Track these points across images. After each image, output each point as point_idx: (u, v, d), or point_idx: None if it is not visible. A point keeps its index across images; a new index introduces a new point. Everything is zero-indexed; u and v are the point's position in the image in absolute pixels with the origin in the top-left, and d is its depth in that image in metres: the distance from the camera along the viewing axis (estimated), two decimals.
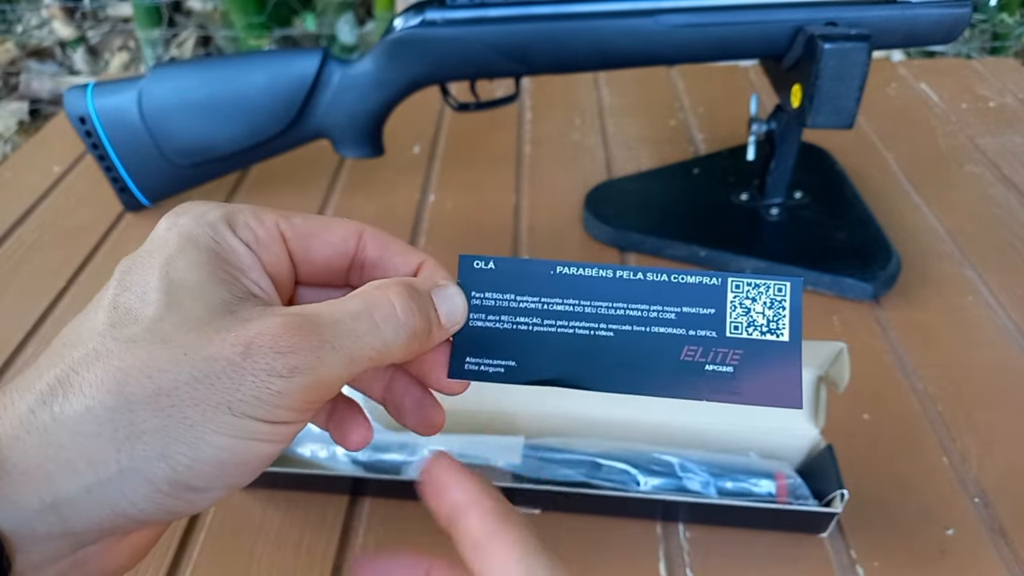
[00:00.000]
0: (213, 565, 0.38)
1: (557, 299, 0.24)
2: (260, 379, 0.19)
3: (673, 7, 0.49)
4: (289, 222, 0.24)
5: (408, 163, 0.70)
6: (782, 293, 0.24)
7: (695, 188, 0.62)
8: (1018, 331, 0.50)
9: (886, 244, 0.54)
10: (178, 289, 0.21)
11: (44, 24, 1.75)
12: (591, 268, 0.24)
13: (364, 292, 0.22)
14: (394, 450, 0.40)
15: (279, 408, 0.20)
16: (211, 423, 0.19)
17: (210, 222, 0.22)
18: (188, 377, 0.19)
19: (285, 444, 0.22)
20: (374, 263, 0.25)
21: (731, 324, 0.24)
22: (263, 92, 0.55)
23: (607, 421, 0.40)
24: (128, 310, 0.20)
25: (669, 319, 0.24)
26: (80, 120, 0.56)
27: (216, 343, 0.20)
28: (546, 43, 0.50)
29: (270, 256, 0.23)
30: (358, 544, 0.38)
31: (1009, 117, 0.74)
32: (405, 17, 0.52)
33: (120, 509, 0.19)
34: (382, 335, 0.22)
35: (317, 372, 0.20)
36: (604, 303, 0.24)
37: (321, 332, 0.20)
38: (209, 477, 0.20)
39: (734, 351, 0.24)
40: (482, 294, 0.25)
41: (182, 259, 0.21)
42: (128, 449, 0.19)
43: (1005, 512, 0.39)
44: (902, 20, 0.47)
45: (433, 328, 0.23)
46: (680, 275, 0.24)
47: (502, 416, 0.41)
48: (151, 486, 0.19)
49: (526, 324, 0.25)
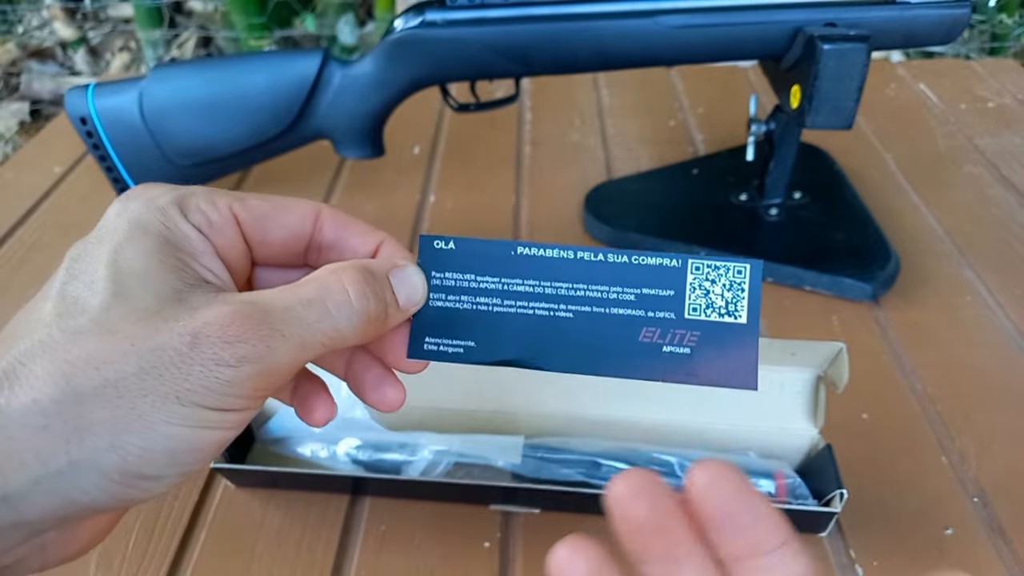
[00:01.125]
0: (214, 564, 0.38)
1: (518, 279, 0.24)
2: (208, 369, 0.19)
3: (672, 8, 0.49)
4: (243, 204, 0.24)
5: (408, 163, 0.70)
6: (741, 275, 0.24)
7: (694, 188, 0.62)
8: (1016, 331, 0.50)
9: (885, 244, 0.54)
10: (126, 278, 0.20)
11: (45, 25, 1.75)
12: (552, 249, 0.24)
13: (318, 277, 0.22)
14: (394, 450, 0.40)
15: (229, 396, 0.20)
16: (160, 413, 0.19)
17: (161, 207, 0.22)
18: (136, 368, 0.19)
19: (239, 429, 0.22)
20: (332, 244, 0.25)
21: (690, 306, 0.24)
22: (264, 93, 0.55)
23: (607, 421, 0.41)
24: (75, 300, 0.20)
25: (628, 300, 0.24)
26: (81, 120, 0.56)
27: (164, 333, 0.19)
28: (546, 44, 0.50)
29: (223, 240, 0.23)
30: (358, 543, 0.38)
31: (1008, 117, 0.74)
32: (405, 18, 0.52)
33: (72, 499, 0.19)
34: (335, 322, 0.21)
35: (266, 361, 0.20)
36: (564, 284, 0.24)
37: (270, 320, 0.20)
38: (161, 465, 0.20)
39: (692, 333, 0.24)
40: (442, 274, 0.25)
41: (131, 246, 0.21)
42: (77, 441, 0.19)
43: (1004, 512, 0.39)
44: (901, 21, 0.47)
45: (390, 311, 0.23)
46: (641, 256, 0.24)
47: (502, 416, 0.41)
48: (102, 476, 0.19)
49: (486, 304, 0.25)
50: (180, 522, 0.39)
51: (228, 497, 0.41)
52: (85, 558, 0.38)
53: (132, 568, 0.37)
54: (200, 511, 0.40)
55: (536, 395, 0.41)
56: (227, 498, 0.41)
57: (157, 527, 0.39)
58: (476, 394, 0.42)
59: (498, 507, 0.40)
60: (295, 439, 0.41)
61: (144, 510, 0.40)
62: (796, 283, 0.53)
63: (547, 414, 0.41)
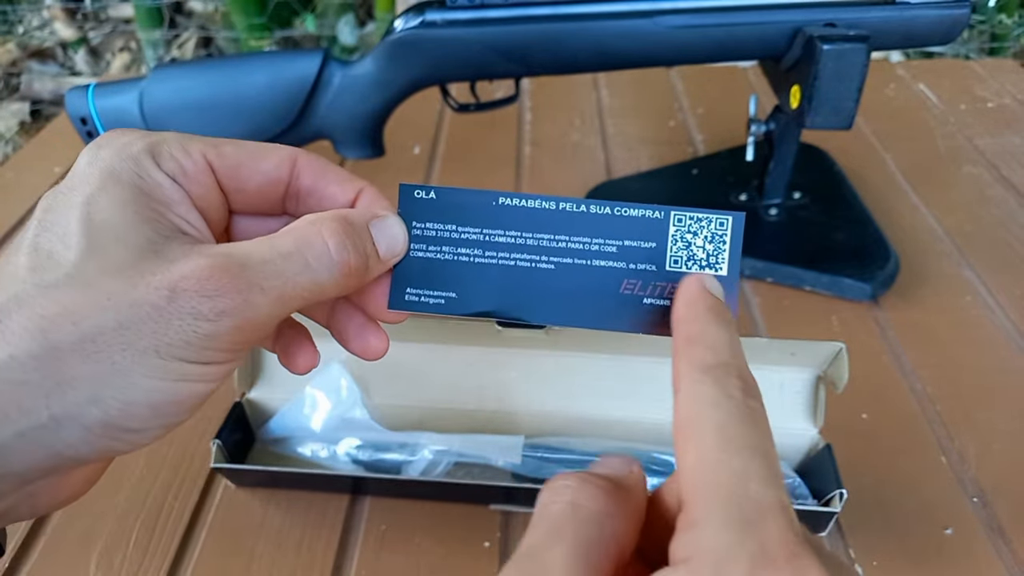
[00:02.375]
0: (214, 564, 0.38)
1: (499, 231, 0.24)
2: (187, 323, 0.19)
3: (672, 8, 0.49)
4: (217, 151, 0.23)
5: (408, 164, 0.70)
6: (723, 228, 0.24)
7: (694, 189, 0.62)
8: (1016, 331, 0.50)
9: (885, 244, 0.54)
10: (100, 230, 0.20)
11: (45, 25, 1.76)
12: (534, 199, 0.24)
13: (296, 228, 0.22)
14: (394, 450, 0.40)
15: (208, 350, 0.20)
16: (140, 367, 0.19)
17: (133, 155, 0.21)
18: (113, 323, 0.19)
19: (220, 382, 0.21)
20: (310, 191, 0.24)
21: (671, 258, 0.24)
22: (264, 93, 0.55)
23: (607, 421, 0.41)
24: (49, 253, 0.20)
25: (610, 252, 0.24)
26: (81, 121, 0.56)
27: (140, 288, 0.19)
28: (546, 44, 0.51)
29: (198, 188, 0.23)
30: (358, 543, 0.38)
31: (1008, 118, 0.74)
32: (405, 18, 0.52)
33: (57, 451, 0.19)
34: (314, 274, 0.21)
35: (245, 314, 0.20)
36: (546, 235, 0.24)
37: (248, 274, 0.20)
38: (143, 418, 0.20)
39: (672, 284, 0.24)
40: (423, 224, 0.24)
41: (104, 197, 0.20)
42: (58, 396, 0.19)
43: (1003, 511, 0.39)
44: (901, 21, 0.47)
45: (370, 262, 0.23)
46: (623, 208, 0.24)
47: (502, 416, 0.41)
48: (85, 430, 0.19)
49: (467, 255, 0.24)
50: (180, 522, 0.39)
51: (228, 497, 0.41)
52: (85, 558, 0.38)
53: (132, 567, 0.37)
54: (200, 511, 0.40)
55: (536, 395, 0.41)
56: (227, 498, 0.41)
57: (157, 527, 0.39)
58: (476, 394, 0.42)
59: (498, 507, 0.40)
60: (295, 439, 0.41)
61: (145, 510, 0.40)
62: (796, 283, 0.53)
63: (547, 414, 0.41)
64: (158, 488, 0.41)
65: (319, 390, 0.42)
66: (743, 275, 0.55)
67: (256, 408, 0.42)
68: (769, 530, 0.15)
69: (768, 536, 0.15)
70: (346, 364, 0.42)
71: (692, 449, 0.17)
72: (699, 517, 0.16)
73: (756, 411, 0.18)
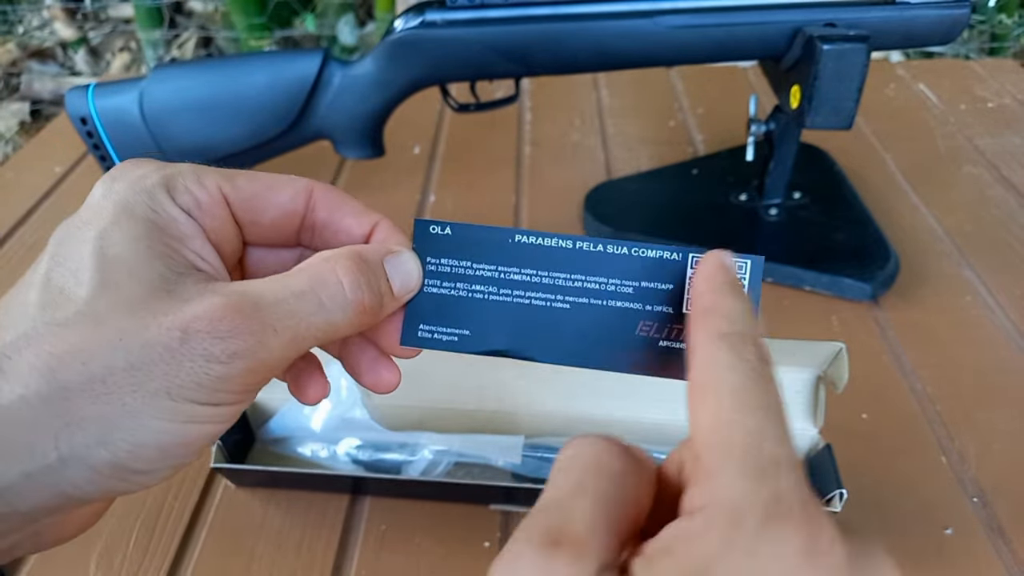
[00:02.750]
0: (214, 564, 0.38)
1: (514, 268, 0.24)
2: (198, 364, 0.19)
3: (672, 8, 0.49)
4: (232, 184, 0.23)
5: (408, 164, 0.70)
6: (742, 271, 0.23)
7: (694, 189, 0.62)
8: (1016, 331, 0.50)
9: (885, 244, 0.54)
10: (113, 266, 0.20)
11: (45, 25, 1.76)
12: (550, 238, 0.24)
13: (310, 267, 0.21)
14: (394, 450, 0.40)
15: (220, 392, 0.20)
16: (150, 409, 0.19)
17: (147, 188, 0.21)
18: (124, 363, 0.19)
19: (231, 422, 0.21)
20: (325, 224, 0.24)
21: (689, 301, 0.23)
22: (264, 93, 0.55)
23: (607, 421, 0.41)
24: (61, 289, 0.19)
25: (627, 293, 0.24)
26: (81, 121, 0.56)
27: (152, 328, 0.19)
28: (545, 44, 0.51)
29: (213, 222, 0.22)
30: (358, 543, 0.38)
31: (1008, 118, 0.74)
32: (405, 18, 0.52)
33: (63, 491, 0.19)
34: (328, 314, 0.21)
35: (258, 356, 0.20)
36: (562, 274, 0.24)
37: (262, 315, 0.20)
38: (151, 460, 0.20)
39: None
40: (438, 260, 0.24)
41: (117, 231, 0.20)
42: (67, 437, 0.18)
43: (1003, 511, 0.39)
44: (901, 21, 0.47)
45: (384, 299, 0.23)
46: (641, 248, 0.23)
47: (502, 416, 0.41)
48: (92, 471, 0.19)
49: (482, 292, 0.24)
50: (180, 522, 0.39)
51: (228, 497, 0.41)
52: (85, 558, 0.38)
53: (133, 568, 0.37)
54: (200, 511, 0.40)
55: (536, 395, 0.41)
56: (227, 498, 0.41)
57: (158, 527, 0.39)
58: (476, 394, 0.42)
59: (498, 507, 0.40)
60: (295, 439, 0.41)
61: (145, 510, 0.40)
62: (796, 283, 0.53)
63: (547, 414, 0.41)
64: (158, 488, 0.41)
65: None
66: None
67: (256, 408, 0.42)
68: (783, 482, 0.16)
69: (782, 487, 0.15)
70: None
71: (708, 410, 0.17)
72: (714, 468, 0.16)
73: (769, 375, 0.18)
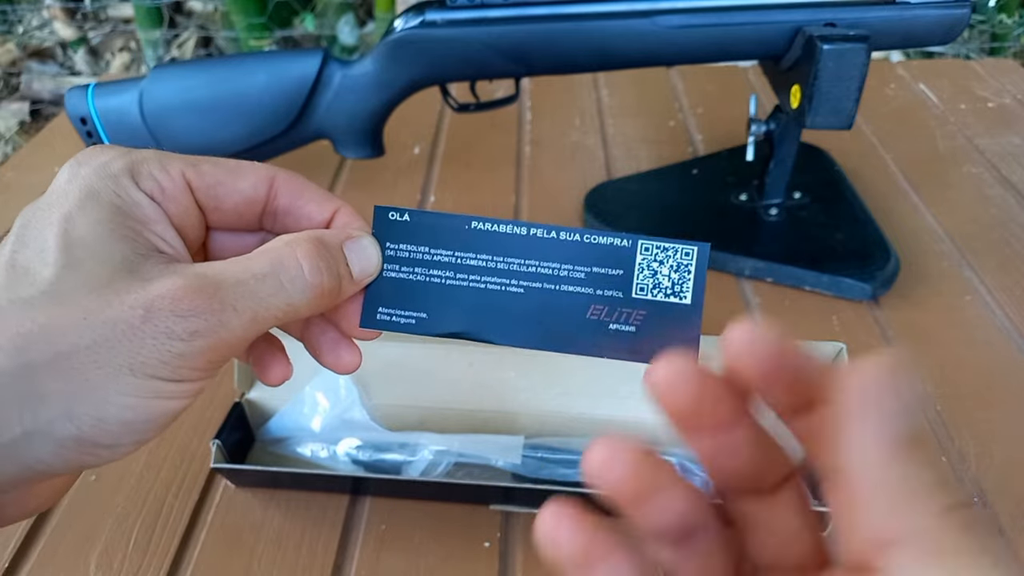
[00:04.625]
0: (214, 564, 0.38)
1: (471, 254, 0.25)
2: (160, 342, 0.20)
3: (671, 8, 0.49)
4: (196, 170, 0.23)
5: (408, 163, 0.70)
6: (689, 257, 0.24)
7: (694, 188, 0.62)
8: (1016, 331, 0.50)
9: (885, 244, 0.54)
10: (77, 247, 0.20)
11: (45, 25, 1.76)
12: (505, 224, 0.25)
13: (271, 250, 0.22)
14: (394, 450, 0.40)
15: (182, 368, 0.20)
16: (114, 384, 0.19)
17: (112, 174, 0.22)
18: (88, 341, 0.19)
19: (192, 399, 0.22)
20: (287, 210, 0.25)
21: (637, 285, 0.24)
22: (264, 93, 0.55)
23: (607, 421, 0.41)
24: (26, 269, 0.20)
25: (578, 278, 0.25)
26: (81, 121, 0.56)
27: (116, 306, 0.19)
28: (545, 44, 0.51)
29: (176, 207, 0.23)
30: (358, 543, 0.38)
31: (1008, 118, 0.74)
32: (405, 18, 0.52)
33: (28, 465, 0.19)
34: (288, 296, 0.22)
35: (219, 334, 0.20)
36: (517, 260, 0.25)
37: (222, 295, 0.20)
38: (116, 435, 0.20)
39: (638, 311, 0.24)
40: (396, 245, 0.25)
41: (82, 215, 0.21)
42: (32, 412, 0.19)
43: (1004, 512, 0.39)
44: (901, 21, 0.47)
45: (343, 283, 0.23)
46: (592, 235, 0.24)
47: (502, 416, 0.41)
48: (58, 445, 0.19)
49: (439, 277, 0.25)
50: (180, 522, 0.39)
51: (228, 497, 0.41)
52: (85, 558, 0.38)
53: (133, 568, 0.37)
54: (200, 511, 0.40)
55: (536, 395, 0.41)
56: (227, 498, 0.41)
57: (157, 527, 0.39)
58: (476, 394, 0.42)
59: (498, 507, 0.40)
60: (295, 439, 0.41)
61: (145, 510, 0.40)
62: (796, 283, 0.53)
63: (547, 414, 0.41)
64: (158, 488, 0.41)
65: (319, 390, 0.42)
66: (744, 275, 0.55)
67: (256, 408, 0.42)
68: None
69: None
70: None
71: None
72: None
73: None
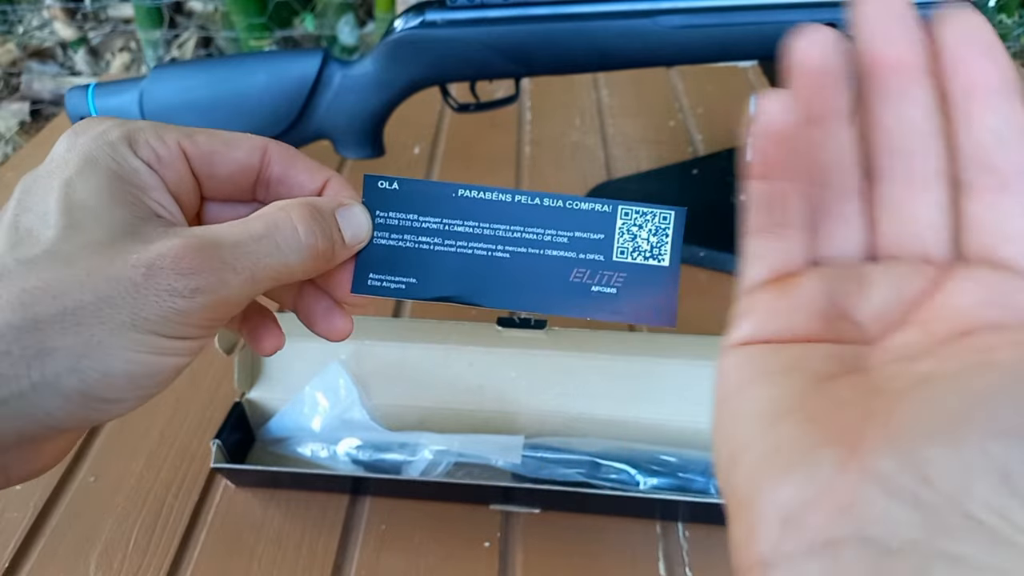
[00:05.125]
0: (214, 564, 0.38)
1: (458, 220, 0.26)
2: (163, 299, 0.20)
3: (672, 8, 0.49)
4: (192, 140, 0.24)
5: (409, 164, 0.70)
6: (667, 221, 0.25)
7: (694, 189, 0.62)
8: None
9: None
10: (79, 210, 0.21)
11: (45, 25, 1.76)
12: (491, 192, 0.26)
13: (267, 213, 0.23)
14: (394, 450, 0.40)
15: (183, 325, 0.21)
16: (118, 339, 0.20)
17: (110, 142, 0.22)
18: (92, 297, 0.20)
19: (194, 356, 0.22)
20: (280, 179, 0.26)
21: (618, 249, 0.25)
22: (264, 93, 0.55)
23: (607, 421, 0.41)
24: (29, 231, 0.21)
25: (562, 243, 0.26)
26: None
27: (118, 264, 0.20)
28: (545, 44, 0.51)
29: (173, 175, 0.24)
30: (358, 543, 0.38)
31: None
32: (405, 18, 0.52)
33: (35, 418, 0.20)
34: (284, 256, 0.22)
35: (218, 292, 0.21)
36: (502, 226, 0.26)
37: (221, 254, 0.21)
38: (121, 389, 0.21)
39: (619, 274, 0.25)
40: (386, 213, 0.26)
41: (82, 180, 0.21)
42: (39, 366, 0.19)
43: None
44: None
45: (336, 247, 0.24)
46: (574, 201, 0.25)
47: (502, 416, 0.41)
48: (64, 398, 0.20)
49: (427, 243, 0.26)
50: (180, 522, 0.39)
51: (228, 497, 0.41)
52: (85, 558, 0.38)
53: (132, 568, 0.37)
54: (200, 511, 0.40)
55: (536, 395, 0.41)
56: (227, 498, 0.41)
57: (157, 527, 0.39)
58: (476, 394, 0.42)
59: (498, 507, 0.40)
60: (295, 439, 0.41)
61: (145, 510, 0.40)
62: None
63: (547, 414, 0.41)
64: (158, 488, 0.41)
65: (319, 390, 0.42)
66: None
67: (256, 408, 0.42)
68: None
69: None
70: (344, 364, 0.42)
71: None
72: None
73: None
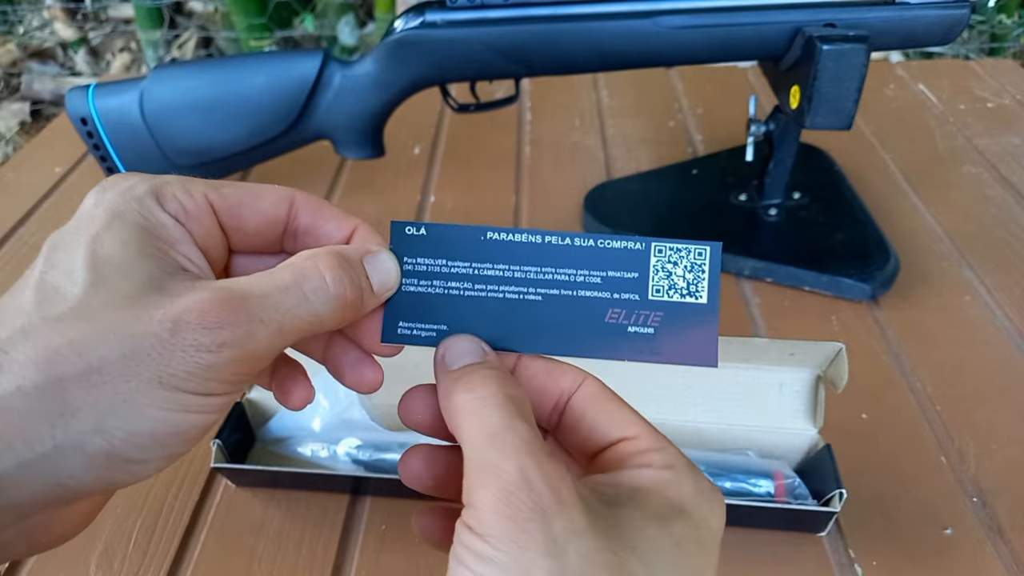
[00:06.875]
0: (214, 564, 0.38)
1: (487, 264, 0.25)
2: (189, 354, 0.20)
3: (672, 8, 0.49)
4: (218, 192, 0.24)
5: (409, 164, 0.70)
6: (702, 257, 0.25)
7: (694, 189, 0.62)
8: (1016, 331, 0.50)
9: (884, 244, 0.54)
10: (105, 266, 0.21)
11: (46, 25, 1.76)
12: (520, 234, 0.25)
13: (294, 263, 0.22)
14: (394, 450, 0.40)
15: (210, 381, 0.20)
16: (144, 397, 0.20)
17: (137, 196, 0.22)
18: (118, 354, 0.19)
19: (220, 414, 0.22)
20: (307, 229, 0.25)
21: (653, 287, 0.25)
22: (264, 93, 0.55)
23: None
24: (56, 288, 0.20)
25: (595, 283, 0.25)
26: (82, 121, 0.56)
27: (144, 320, 0.20)
28: (545, 44, 0.51)
29: (200, 228, 0.23)
30: (358, 543, 0.39)
31: (1007, 118, 0.74)
32: (405, 18, 0.52)
33: (59, 482, 0.19)
34: (312, 307, 0.22)
35: (246, 346, 0.21)
36: (533, 268, 0.25)
37: (249, 306, 0.21)
38: (146, 449, 0.20)
39: (655, 313, 0.25)
40: (414, 259, 0.25)
41: (109, 236, 0.21)
42: (63, 425, 0.19)
43: (1003, 511, 0.39)
44: (900, 21, 0.47)
45: (365, 296, 0.24)
46: (606, 240, 0.25)
47: None
48: (88, 460, 0.19)
49: (457, 289, 0.25)
50: (180, 522, 0.39)
51: (228, 497, 0.41)
52: (85, 558, 0.38)
53: (132, 568, 0.37)
54: (200, 511, 0.40)
55: None
56: (227, 498, 0.41)
57: (157, 527, 0.39)
58: None
59: None
60: (295, 439, 0.41)
61: (145, 510, 0.40)
62: (795, 283, 0.53)
63: None
64: (158, 488, 0.41)
65: (319, 390, 0.41)
66: (743, 275, 0.55)
67: (256, 408, 0.42)
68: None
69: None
70: None
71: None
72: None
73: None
